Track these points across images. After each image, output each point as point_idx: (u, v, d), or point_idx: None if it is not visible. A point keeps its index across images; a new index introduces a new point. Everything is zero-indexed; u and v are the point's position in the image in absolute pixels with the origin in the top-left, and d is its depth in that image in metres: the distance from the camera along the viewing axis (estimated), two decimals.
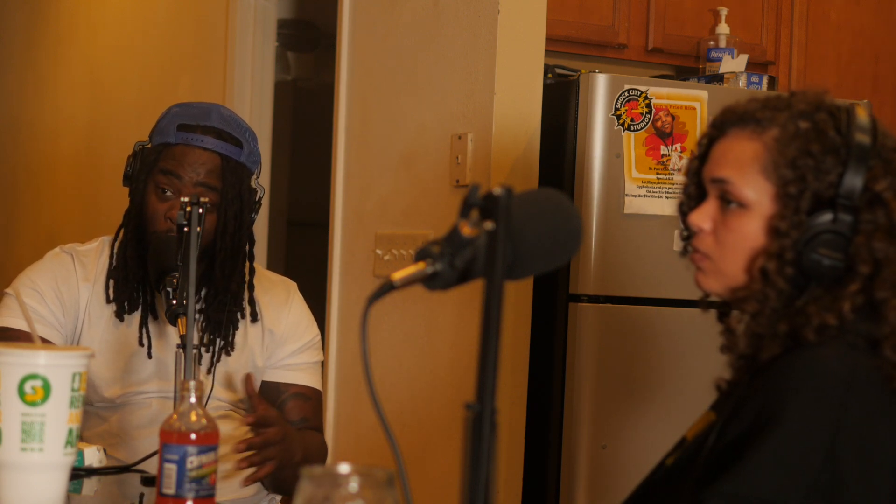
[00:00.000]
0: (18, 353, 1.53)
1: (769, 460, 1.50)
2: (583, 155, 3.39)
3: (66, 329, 2.42)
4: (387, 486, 1.11)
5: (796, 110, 1.64)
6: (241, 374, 2.46)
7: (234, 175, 2.40)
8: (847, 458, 1.50)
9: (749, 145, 1.65)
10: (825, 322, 1.57)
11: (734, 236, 1.66)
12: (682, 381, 3.40)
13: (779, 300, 1.61)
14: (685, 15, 3.92)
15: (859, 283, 1.58)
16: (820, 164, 1.60)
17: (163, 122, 2.44)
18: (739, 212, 1.65)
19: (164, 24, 5.24)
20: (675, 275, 3.38)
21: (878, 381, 1.55)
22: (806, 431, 1.51)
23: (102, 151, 5.65)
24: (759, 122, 1.65)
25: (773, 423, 1.51)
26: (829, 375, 1.53)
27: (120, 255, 2.43)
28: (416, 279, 1.31)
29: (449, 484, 3.33)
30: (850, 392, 1.52)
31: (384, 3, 3.83)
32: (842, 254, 1.59)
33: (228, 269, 2.43)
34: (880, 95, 4.19)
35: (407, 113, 3.72)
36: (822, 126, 1.62)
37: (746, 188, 1.64)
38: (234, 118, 2.46)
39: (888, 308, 1.58)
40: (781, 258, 1.60)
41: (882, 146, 1.62)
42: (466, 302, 3.41)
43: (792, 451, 1.50)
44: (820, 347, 1.56)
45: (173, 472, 1.62)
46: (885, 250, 1.58)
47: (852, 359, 1.55)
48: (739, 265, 1.66)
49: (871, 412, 1.53)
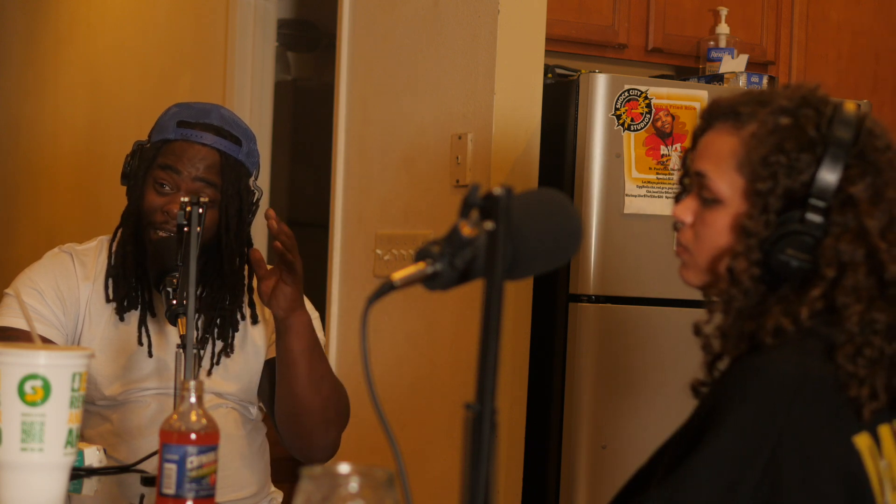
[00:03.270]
0: (18, 353, 1.53)
1: (706, 466, 1.48)
2: (583, 155, 3.39)
3: (67, 328, 2.42)
4: (387, 486, 1.11)
5: (777, 105, 1.61)
6: (244, 374, 2.46)
7: (233, 172, 2.40)
8: (790, 466, 1.47)
9: (728, 140, 1.63)
10: (781, 326, 1.54)
11: (708, 231, 1.64)
12: (682, 381, 3.38)
13: (745, 300, 1.58)
14: (685, 15, 3.92)
15: (822, 286, 1.54)
16: (794, 162, 1.57)
17: (163, 120, 2.45)
18: (715, 207, 1.63)
19: (164, 24, 5.24)
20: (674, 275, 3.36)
21: (829, 388, 1.51)
22: (746, 436, 1.48)
23: (102, 151, 5.65)
24: (739, 117, 1.62)
25: (716, 429, 1.49)
26: (776, 381, 1.49)
27: (118, 254, 2.44)
28: (416, 279, 1.31)
29: (449, 484, 3.33)
30: (796, 399, 1.48)
31: (384, 3, 3.83)
32: (810, 255, 1.56)
33: (235, 265, 2.43)
34: (880, 95, 4.19)
35: (407, 113, 3.72)
36: (802, 122, 1.58)
37: (721, 183, 1.62)
38: (234, 118, 2.46)
39: (848, 314, 1.53)
40: (748, 258, 1.57)
41: (866, 145, 1.58)
42: (466, 302, 3.41)
43: (732, 458, 1.47)
44: (773, 352, 1.53)
45: (173, 472, 1.61)
46: (850, 253, 1.54)
47: (804, 364, 1.51)
48: (710, 261, 1.64)
49: (817, 420, 1.49)
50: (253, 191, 2.45)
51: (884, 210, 1.57)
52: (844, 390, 1.51)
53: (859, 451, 1.51)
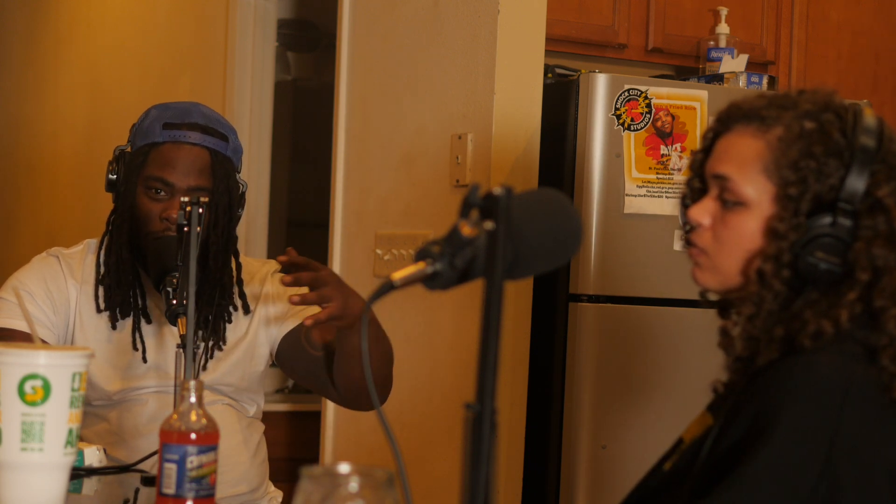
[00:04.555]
0: (18, 353, 1.53)
1: (765, 470, 1.48)
2: (583, 155, 3.39)
3: (59, 329, 2.42)
4: (387, 486, 1.11)
5: (802, 110, 1.62)
6: (237, 369, 2.45)
7: (222, 168, 2.40)
8: (844, 466, 1.48)
9: (752, 143, 1.63)
10: (822, 329, 1.55)
11: (732, 234, 1.64)
12: (682, 381, 3.40)
13: (775, 303, 1.59)
14: (685, 15, 3.92)
15: (858, 290, 1.56)
16: (822, 167, 1.59)
17: (145, 124, 2.44)
18: (738, 210, 1.64)
19: (164, 24, 5.24)
20: (675, 275, 3.38)
21: (874, 390, 1.53)
22: (802, 440, 1.49)
23: (102, 151, 5.62)
24: (763, 121, 1.63)
25: (769, 432, 1.49)
26: (825, 383, 1.51)
27: (109, 263, 2.42)
28: (416, 279, 1.31)
29: (449, 484, 3.33)
30: (846, 401, 1.50)
31: (384, 3, 3.83)
32: (839, 258, 1.57)
33: (221, 262, 2.43)
34: (880, 95, 4.19)
35: (407, 113, 3.72)
36: (827, 127, 1.60)
37: (747, 186, 1.63)
38: (215, 115, 2.47)
39: (887, 317, 1.56)
40: (778, 260, 1.59)
41: (888, 151, 1.61)
42: (466, 302, 3.41)
43: (788, 461, 1.48)
44: (816, 354, 1.54)
45: (173, 472, 1.62)
46: (884, 258, 1.56)
47: (849, 368, 1.53)
48: (736, 264, 1.65)
49: (867, 421, 1.51)
50: (239, 185, 2.45)
51: None
52: (888, 392, 1.54)
53: None
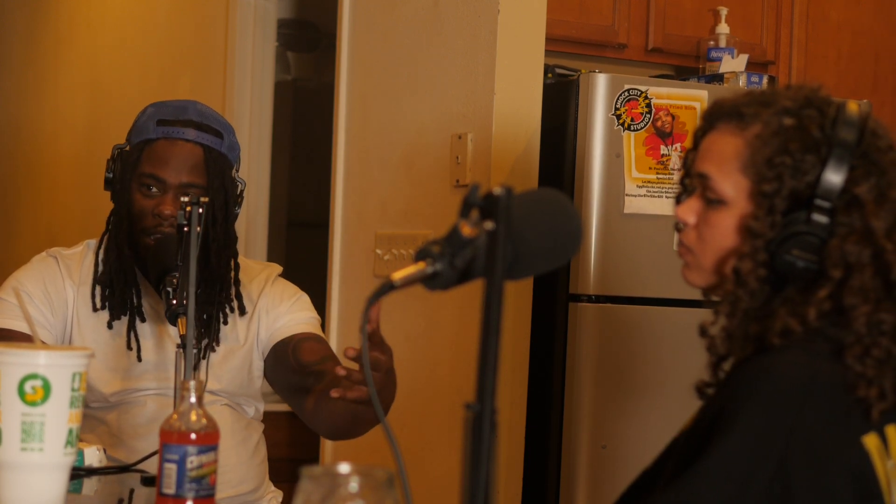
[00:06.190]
0: (18, 353, 1.53)
1: (719, 468, 1.47)
2: (583, 155, 3.39)
3: (56, 329, 2.42)
4: (387, 486, 1.11)
5: (781, 106, 1.60)
6: (232, 369, 2.45)
7: (217, 165, 2.40)
8: (800, 466, 1.47)
9: (732, 141, 1.62)
10: (789, 327, 1.54)
11: (712, 232, 1.64)
12: (682, 381, 3.38)
13: (751, 301, 1.58)
14: (685, 15, 3.92)
15: (829, 287, 1.54)
16: (798, 163, 1.57)
17: (140, 122, 2.45)
18: (719, 208, 1.63)
19: (164, 24, 5.24)
20: (675, 275, 3.35)
21: (838, 389, 1.51)
22: (758, 439, 1.48)
23: (102, 151, 5.60)
24: (742, 118, 1.62)
25: (726, 430, 1.49)
26: (786, 382, 1.50)
27: (108, 260, 2.42)
28: (416, 279, 1.31)
29: (449, 484, 3.33)
30: (807, 400, 1.48)
31: (384, 3, 3.83)
32: (816, 256, 1.56)
33: (224, 259, 2.43)
34: (880, 95, 4.19)
35: (407, 113, 3.72)
36: (805, 123, 1.58)
37: (725, 184, 1.62)
38: (212, 112, 2.47)
39: (855, 315, 1.53)
40: (754, 259, 1.57)
41: (870, 146, 1.58)
42: (466, 302, 3.41)
43: (742, 460, 1.47)
44: (782, 353, 1.53)
45: (173, 472, 1.61)
46: (857, 254, 1.54)
47: (813, 366, 1.51)
48: (715, 262, 1.64)
49: (828, 421, 1.49)
50: (236, 182, 2.45)
51: (889, 210, 1.57)
52: (853, 391, 1.51)
53: (868, 452, 1.51)
